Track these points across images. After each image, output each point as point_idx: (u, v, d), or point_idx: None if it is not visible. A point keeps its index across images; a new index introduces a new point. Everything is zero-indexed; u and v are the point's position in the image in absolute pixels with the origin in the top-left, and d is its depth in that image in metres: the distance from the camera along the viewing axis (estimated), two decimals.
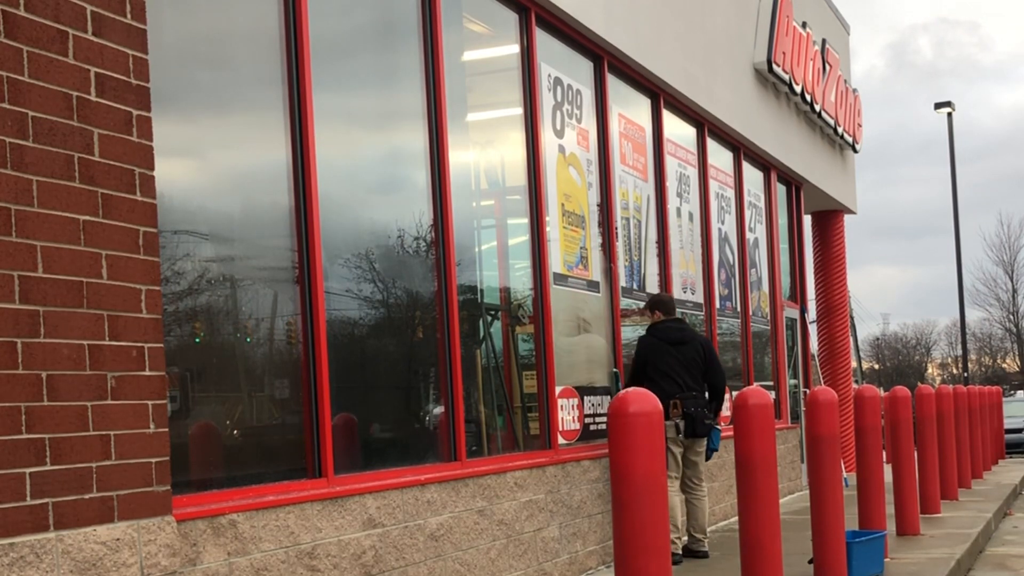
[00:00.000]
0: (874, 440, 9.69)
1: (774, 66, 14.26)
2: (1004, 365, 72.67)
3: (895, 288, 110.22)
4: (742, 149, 14.18)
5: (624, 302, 10.25)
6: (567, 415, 9.01)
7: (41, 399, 4.27)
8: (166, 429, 4.79)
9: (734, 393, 7.16)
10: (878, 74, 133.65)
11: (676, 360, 9.34)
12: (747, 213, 14.36)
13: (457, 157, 7.82)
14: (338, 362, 6.48)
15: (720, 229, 13.31)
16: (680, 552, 9.24)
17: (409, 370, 7.62)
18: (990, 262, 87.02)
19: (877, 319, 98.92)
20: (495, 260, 8.70)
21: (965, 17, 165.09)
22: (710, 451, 9.63)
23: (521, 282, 8.92)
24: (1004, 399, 27.02)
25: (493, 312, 8.50)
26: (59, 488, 4.30)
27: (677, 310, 10.02)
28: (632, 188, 10.80)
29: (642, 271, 10.94)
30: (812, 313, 18.46)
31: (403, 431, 7.52)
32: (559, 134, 9.33)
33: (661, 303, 9.76)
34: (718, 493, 11.96)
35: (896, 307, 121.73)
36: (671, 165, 11.85)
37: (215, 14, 6.03)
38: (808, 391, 14.46)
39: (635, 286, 10.64)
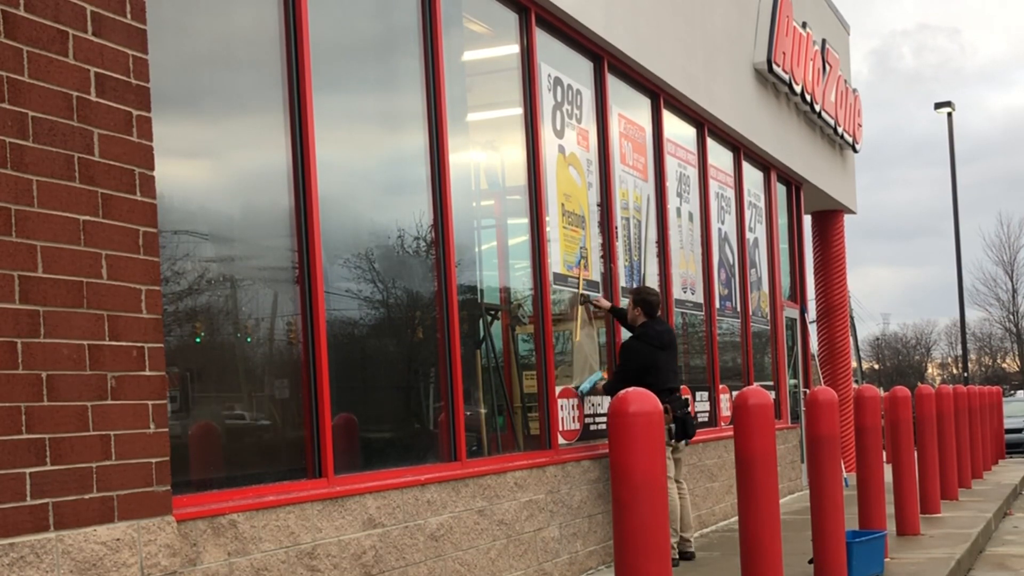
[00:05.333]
0: (874, 440, 9.69)
1: (774, 66, 14.26)
2: (1004, 365, 72.65)
3: (891, 289, 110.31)
4: (742, 149, 14.18)
5: (624, 302, 10.25)
6: (567, 415, 9.01)
7: (41, 399, 4.26)
8: (166, 429, 4.79)
9: (734, 393, 7.18)
10: (863, 79, 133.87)
11: (664, 363, 9.21)
12: (747, 213, 14.36)
13: (457, 157, 7.82)
14: (338, 362, 6.48)
15: (720, 229, 13.31)
16: (677, 556, 9.23)
17: (409, 370, 7.62)
18: (990, 262, 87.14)
19: (877, 319, 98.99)
20: (495, 260, 8.70)
21: (946, 23, 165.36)
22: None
23: (521, 282, 8.92)
24: (1004, 399, 27.02)
25: (493, 312, 8.50)
26: (59, 488, 4.30)
27: (675, 309, 9.96)
28: (632, 188, 10.80)
29: (642, 271, 10.94)
30: (812, 313, 18.45)
31: (403, 431, 7.52)
32: (559, 134, 9.32)
33: (647, 304, 9.36)
34: (718, 493, 11.96)
35: (892, 308, 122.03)
36: (671, 165, 11.85)
37: (215, 15, 6.03)
38: (808, 391, 14.46)
39: (635, 286, 10.63)
